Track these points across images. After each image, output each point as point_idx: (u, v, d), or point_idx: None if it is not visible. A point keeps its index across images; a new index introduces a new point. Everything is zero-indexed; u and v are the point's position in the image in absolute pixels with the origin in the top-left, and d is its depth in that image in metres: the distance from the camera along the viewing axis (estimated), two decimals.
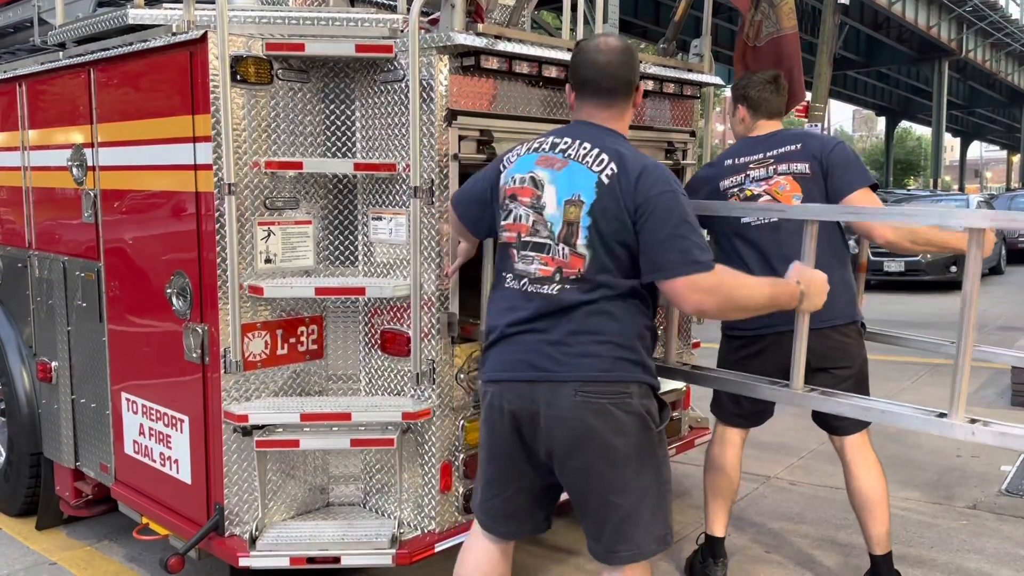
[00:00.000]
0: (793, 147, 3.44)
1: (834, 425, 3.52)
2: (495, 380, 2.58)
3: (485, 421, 2.66)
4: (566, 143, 2.55)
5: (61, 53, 3.95)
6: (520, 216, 2.55)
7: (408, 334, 3.20)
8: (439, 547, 3.22)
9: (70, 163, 3.86)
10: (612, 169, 2.45)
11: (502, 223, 2.62)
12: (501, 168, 2.68)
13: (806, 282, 2.68)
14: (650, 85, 3.90)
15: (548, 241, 2.49)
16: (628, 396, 2.46)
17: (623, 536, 2.49)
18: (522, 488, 2.64)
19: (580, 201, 2.45)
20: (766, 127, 3.59)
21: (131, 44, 3.42)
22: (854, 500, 3.53)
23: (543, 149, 2.58)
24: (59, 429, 4.12)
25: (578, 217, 2.45)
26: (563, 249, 2.47)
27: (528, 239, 2.53)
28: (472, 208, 2.81)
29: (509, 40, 3.24)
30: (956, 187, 34.15)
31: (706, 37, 4.28)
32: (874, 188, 3.40)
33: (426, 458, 3.27)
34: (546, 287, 2.48)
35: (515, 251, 2.56)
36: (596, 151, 2.49)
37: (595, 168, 2.47)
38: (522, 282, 2.53)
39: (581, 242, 2.45)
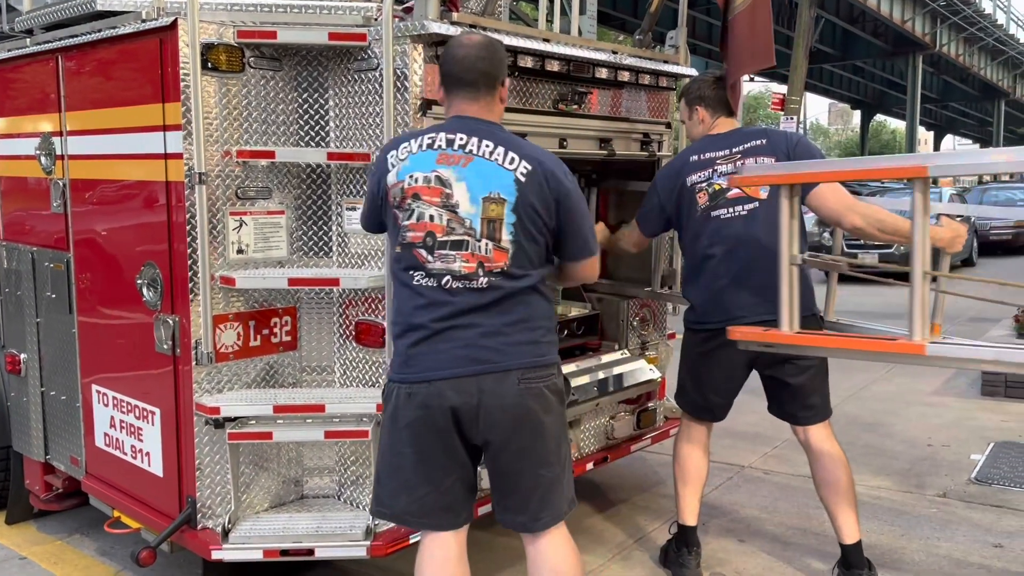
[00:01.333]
0: (759, 142, 3.50)
1: (798, 416, 3.56)
2: (430, 379, 2.54)
3: (415, 422, 2.56)
4: (462, 139, 2.57)
5: (28, 40, 3.88)
6: (430, 216, 2.54)
7: (383, 325, 3.19)
8: (413, 538, 3.20)
9: (38, 152, 3.80)
10: (525, 167, 2.55)
11: (405, 223, 2.57)
12: (389, 167, 2.62)
13: None
14: (626, 76, 3.90)
15: (467, 238, 2.53)
16: (555, 376, 2.67)
17: (546, 503, 2.67)
18: (458, 479, 2.66)
19: (501, 199, 2.53)
20: (726, 124, 3.64)
21: (100, 31, 3.37)
22: (821, 491, 3.56)
23: (440, 147, 2.57)
24: (28, 422, 4.06)
25: (501, 214, 2.53)
26: (486, 245, 2.53)
27: (445, 238, 2.53)
28: (368, 207, 2.77)
29: (484, 29, 3.22)
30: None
31: (682, 29, 4.29)
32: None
33: None
34: (472, 282, 2.53)
35: (425, 251, 2.54)
36: (501, 148, 2.56)
37: (508, 166, 2.55)
38: (443, 280, 2.54)
39: (506, 238, 2.54)
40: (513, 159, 2.55)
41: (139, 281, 3.28)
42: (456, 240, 2.53)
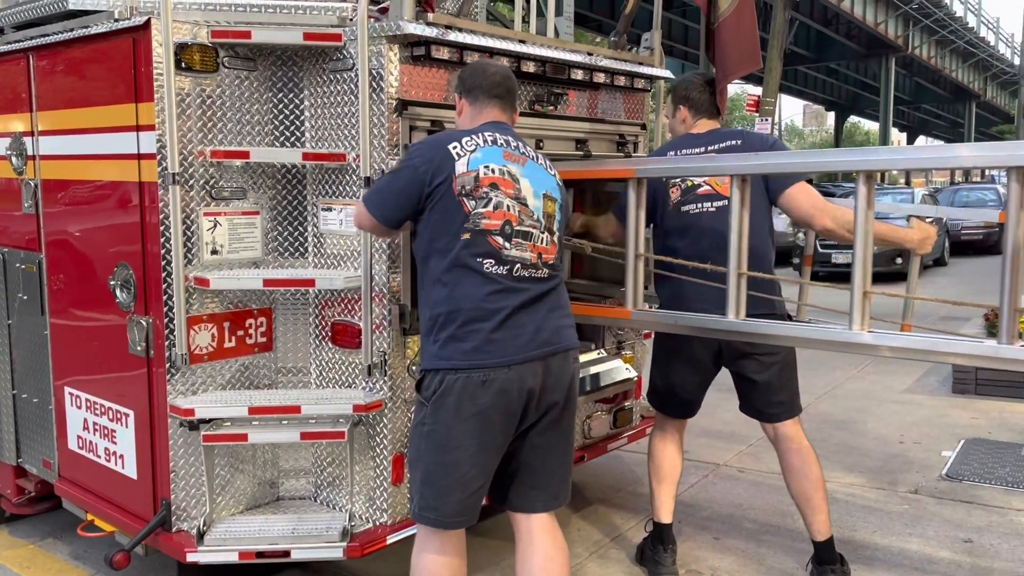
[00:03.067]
0: (734, 142, 3.55)
1: (766, 413, 3.60)
2: (510, 364, 2.62)
3: (488, 409, 2.60)
4: (513, 143, 2.80)
5: None
6: (506, 205, 2.69)
7: (359, 326, 3.18)
8: (391, 539, 3.21)
9: (9, 152, 3.76)
10: (559, 176, 2.91)
11: (479, 210, 2.65)
12: (455, 156, 2.67)
13: None
14: (602, 78, 3.92)
15: (533, 230, 2.74)
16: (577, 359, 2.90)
17: (564, 482, 2.90)
18: (495, 470, 2.75)
19: (553, 197, 2.83)
20: (706, 125, 3.69)
21: (72, 30, 3.33)
22: (791, 488, 3.60)
23: (502, 144, 2.76)
24: (0, 425, 4.01)
25: (553, 211, 2.82)
26: (545, 237, 2.78)
27: (519, 227, 2.71)
28: (401, 200, 2.72)
29: (460, 30, 3.23)
30: (903, 180, 34.90)
31: (656, 31, 4.32)
32: (809, 182, 3.51)
33: (378, 450, 3.25)
34: (536, 271, 2.74)
35: (502, 238, 2.67)
36: (540, 155, 2.88)
37: (550, 172, 2.87)
38: (514, 267, 2.68)
39: (556, 232, 2.83)
40: (551, 167, 2.89)
41: (112, 282, 3.26)
42: (525, 231, 2.72)
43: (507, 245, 2.67)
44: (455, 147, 2.70)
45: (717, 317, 3.08)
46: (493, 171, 2.69)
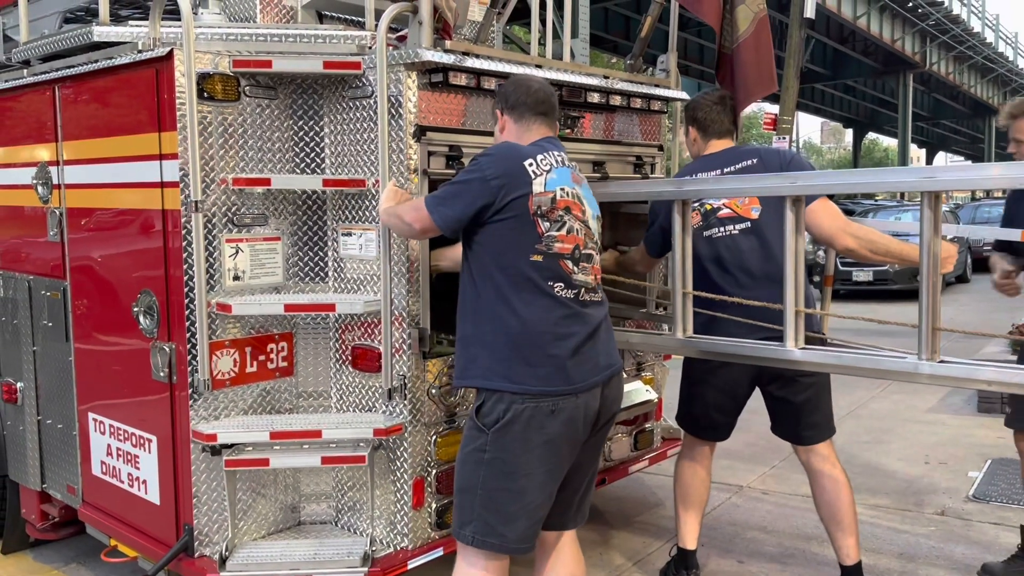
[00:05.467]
0: (750, 161, 3.51)
1: (801, 435, 3.55)
2: (578, 391, 2.64)
3: (558, 437, 2.61)
4: (572, 164, 2.83)
5: (25, 70, 3.91)
6: (575, 229, 2.72)
7: (379, 350, 3.19)
8: (412, 564, 3.20)
9: (35, 181, 3.82)
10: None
11: (553, 233, 2.66)
12: (531, 175, 2.65)
13: None
14: (618, 100, 3.94)
15: (593, 252, 2.79)
16: None
17: (587, 500, 2.93)
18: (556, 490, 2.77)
19: (600, 219, 2.89)
20: (718, 146, 3.65)
21: (96, 61, 3.39)
22: (822, 512, 3.56)
23: (570, 166, 2.80)
24: (25, 451, 4.05)
25: (601, 233, 2.89)
26: (599, 260, 2.83)
27: (584, 251, 2.74)
28: (468, 209, 2.65)
29: (477, 56, 3.26)
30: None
31: (672, 53, 4.34)
32: (831, 197, 3.48)
33: (398, 474, 3.25)
34: (595, 295, 2.79)
35: (572, 263, 2.70)
36: (583, 175, 2.87)
37: (593, 192, 2.89)
38: (580, 292, 2.71)
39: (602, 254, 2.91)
40: (591, 187, 2.89)
41: (135, 309, 3.29)
42: (589, 254, 2.76)
43: (575, 269, 2.70)
44: (531, 164, 2.68)
45: (776, 346, 3.01)
46: (567, 194, 2.72)
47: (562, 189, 2.70)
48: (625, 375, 4.25)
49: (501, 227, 2.64)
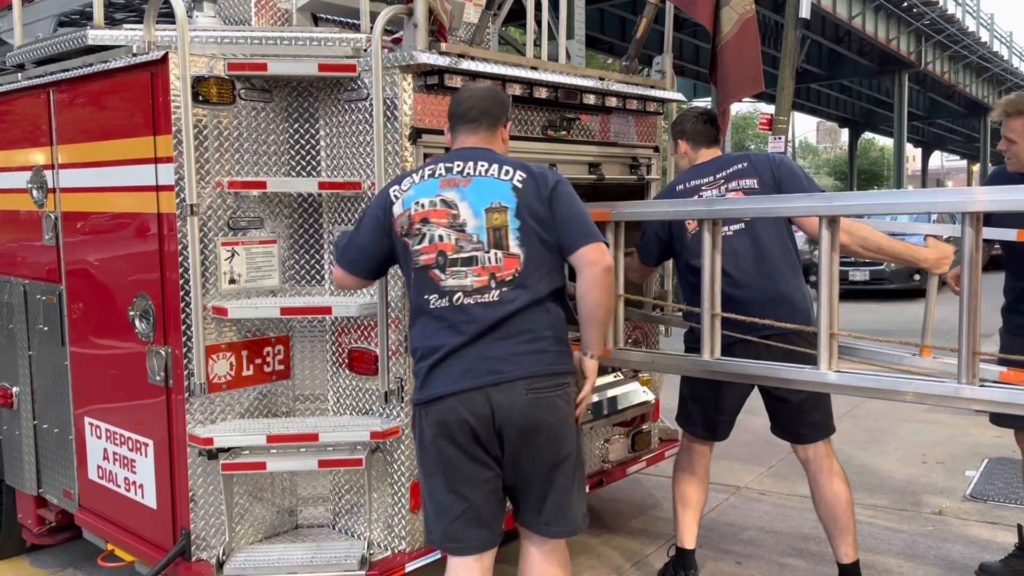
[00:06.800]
0: (740, 166, 3.56)
1: (799, 434, 3.56)
2: (442, 395, 2.61)
3: (435, 440, 2.64)
4: (459, 165, 2.71)
5: (20, 74, 3.90)
6: (439, 236, 2.65)
7: (376, 352, 3.19)
8: (410, 567, 3.20)
9: (30, 185, 3.81)
10: (520, 175, 2.68)
11: (416, 247, 2.67)
12: (392, 200, 2.73)
13: None
14: (613, 102, 3.94)
15: (476, 253, 2.63)
16: (568, 386, 2.70)
17: (559, 512, 2.72)
18: (488, 491, 2.69)
19: (503, 207, 2.65)
20: (708, 155, 3.71)
21: (91, 65, 3.39)
22: (820, 511, 3.56)
23: (440, 174, 2.70)
24: (21, 456, 4.04)
25: (505, 221, 2.64)
26: (495, 255, 2.63)
27: (456, 256, 2.64)
28: (366, 253, 2.82)
29: (472, 59, 3.26)
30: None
31: (667, 55, 4.34)
32: None
33: (395, 477, 3.25)
34: (484, 295, 2.62)
35: (438, 270, 2.64)
36: (495, 165, 2.70)
37: (503, 178, 2.68)
38: (455, 297, 2.62)
39: (513, 243, 2.63)
40: (508, 171, 2.69)
41: (131, 312, 3.29)
42: (466, 257, 2.63)
43: (442, 276, 2.64)
44: (395, 190, 2.74)
45: (811, 369, 2.95)
46: (423, 205, 2.66)
47: (416, 203, 2.67)
48: (623, 376, 4.28)
49: (397, 255, 2.77)
